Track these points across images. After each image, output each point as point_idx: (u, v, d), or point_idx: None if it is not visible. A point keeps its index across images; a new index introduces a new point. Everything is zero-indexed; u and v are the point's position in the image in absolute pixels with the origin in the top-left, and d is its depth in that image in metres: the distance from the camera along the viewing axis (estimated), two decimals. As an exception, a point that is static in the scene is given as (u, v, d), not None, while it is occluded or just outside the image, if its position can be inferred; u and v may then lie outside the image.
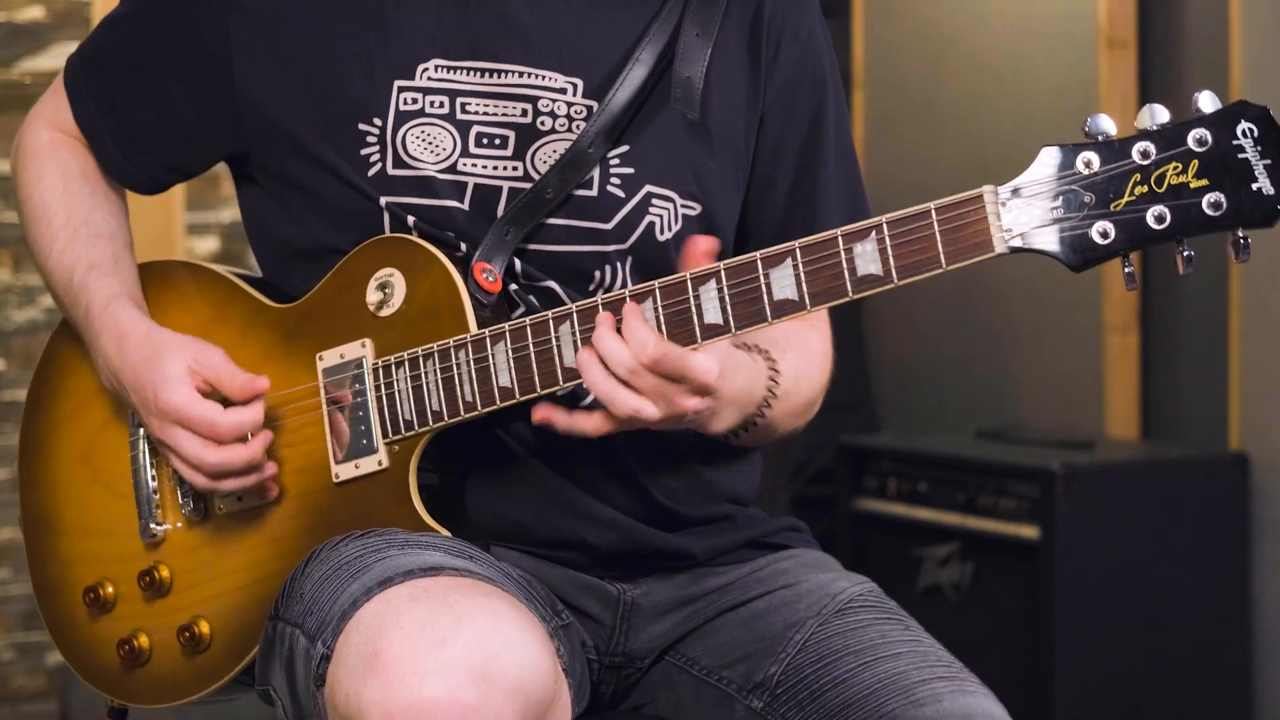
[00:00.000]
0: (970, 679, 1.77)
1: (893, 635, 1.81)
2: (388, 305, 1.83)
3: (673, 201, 1.87)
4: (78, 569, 1.98)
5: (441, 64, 1.85)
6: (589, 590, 1.88)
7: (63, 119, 2.00)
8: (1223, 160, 1.55)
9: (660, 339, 1.69)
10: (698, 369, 1.69)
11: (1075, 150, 1.59)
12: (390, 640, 1.55)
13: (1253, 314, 3.66)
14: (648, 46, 1.85)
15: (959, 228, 1.61)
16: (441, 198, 1.84)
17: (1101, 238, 1.59)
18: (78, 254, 1.95)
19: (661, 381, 1.69)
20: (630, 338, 1.69)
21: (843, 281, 1.65)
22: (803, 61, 1.93)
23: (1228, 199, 1.55)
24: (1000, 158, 4.24)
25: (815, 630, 1.82)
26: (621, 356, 1.68)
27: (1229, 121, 1.55)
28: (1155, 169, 1.57)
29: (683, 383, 1.69)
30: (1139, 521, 3.62)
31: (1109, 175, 1.58)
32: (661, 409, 1.70)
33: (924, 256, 1.62)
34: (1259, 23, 3.62)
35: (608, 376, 1.69)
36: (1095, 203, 1.59)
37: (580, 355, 1.71)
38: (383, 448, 1.81)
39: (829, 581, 1.88)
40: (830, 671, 1.78)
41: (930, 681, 1.74)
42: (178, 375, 1.83)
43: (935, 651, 1.80)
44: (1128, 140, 1.58)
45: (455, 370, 1.77)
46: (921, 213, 1.63)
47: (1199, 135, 1.56)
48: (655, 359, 1.68)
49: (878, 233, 1.64)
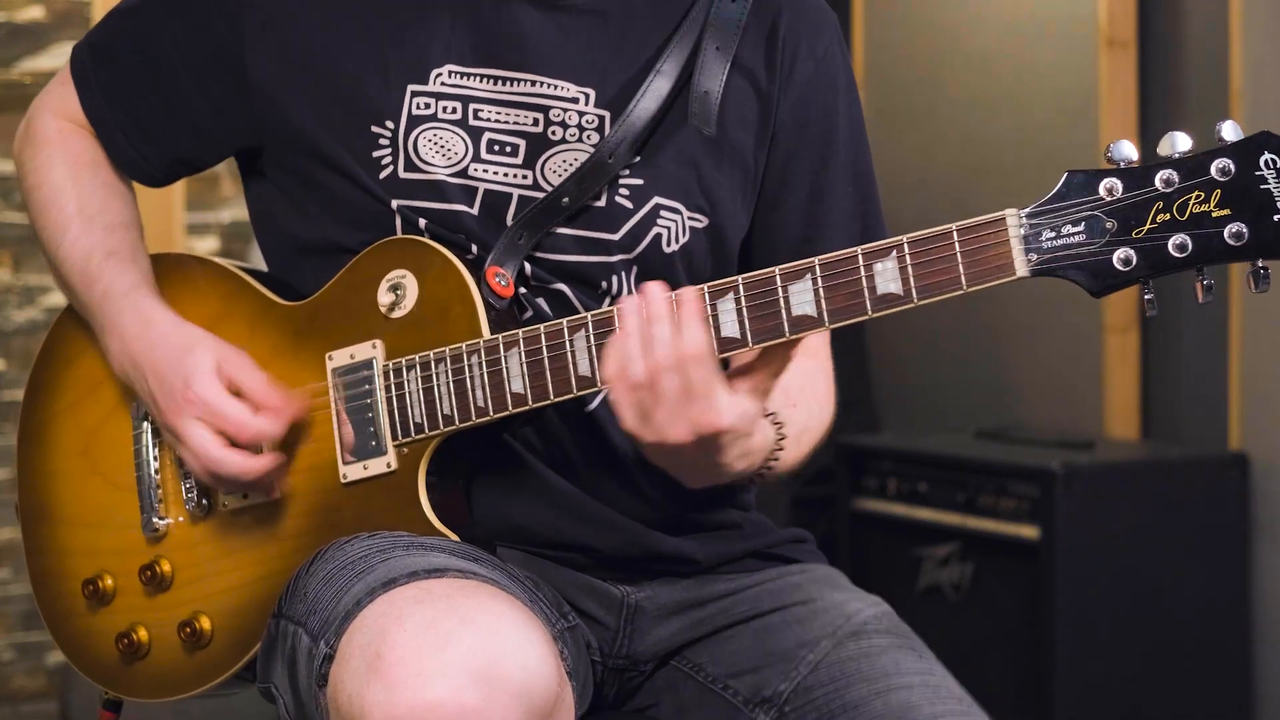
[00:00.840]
0: (981, 715, 1.78)
1: (905, 664, 1.80)
2: (399, 307, 1.82)
3: (680, 214, 1.86)
4: (76, 560, 1.97)
5: (455, 70, 1.85)
6: (593, 592, 1.88)
7: (71, 108, 2.00)
8: (1245, 191, 1.56)
9: (713, 346, 1.65)
10: (721, 403, 1.65)
11: (1098, 176, 1.59)
12: (394, 642, 1.54)
13: (1253, 314, 3.66)
14: (670, 59, 1.85)
15: (981, 250, 1.61)
16: (451, 202, 1.84)
17: (1123, 265, 1.59)
18: (94, 240, 1.94)
19: (683, 392, 1.65)
20: (684, 329, 1.65)
21: (862, 300, 1.64)
22: (817, 80, 1.92)
23: (1249, 229, 1.56)
24: (1000, 158, 4.25)
25: (829, 651, 1.82)
26: (666, 349, 1.65)
27: (1252, 152, 1.56)
28: (1178, 197, 1.57)
29: (703, 403, 1.65)
30: (1139, 521, 3.62)
31: (1132, 202, 1.58)
32: (662, 417, 1.66)
33: (945, 278, 1.62)
34: (1259, 23, 3.62)
35: (640, 359, 1.65)
36: (1117, 229, 1.59)
37: (624, 316, 1.66)
38: (392, 450, 1.81)
39: (844, 602, 1.88)
40: (841, 696, 1.78)
41: (942, 716, 1.74)
42: (209, 370, 1.83)
43: (947, 684, 1.80)
44: (1151, 168, 1.58)
45: (468, 374, 1.77)
46: (943, 233, 1.62)
47: (1222, 165, 1.56)
48: (698, 355, 1.64)
49: (898, 252, 1.63)
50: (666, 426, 1.66)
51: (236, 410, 1.82)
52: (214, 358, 1.83)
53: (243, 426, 1.81)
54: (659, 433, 1.66)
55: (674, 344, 1.65)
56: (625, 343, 1.66)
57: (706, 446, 1.68)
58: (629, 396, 1.66)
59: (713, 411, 1.65)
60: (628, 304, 1.67)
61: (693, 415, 1.65)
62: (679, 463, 1.71)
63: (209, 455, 1.82)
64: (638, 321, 1.66)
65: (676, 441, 1.66)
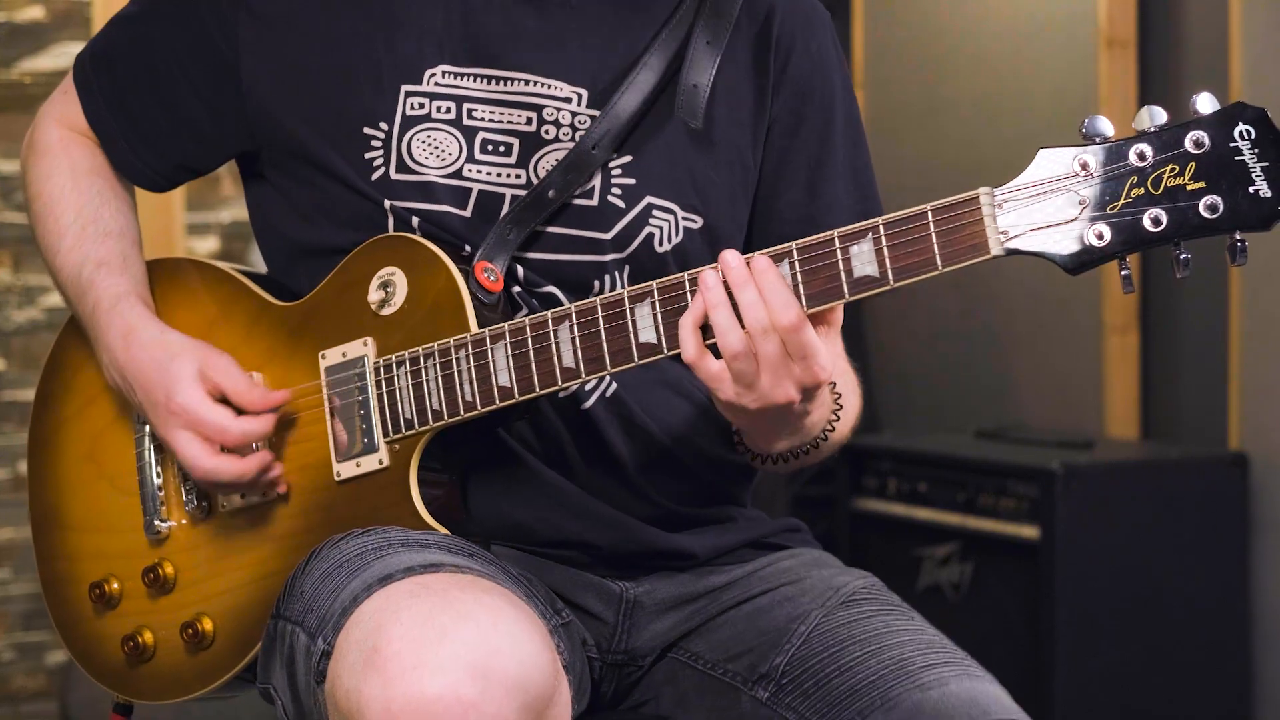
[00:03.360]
0: (975, 665, 1.78)
1: (897, 625, 1.81)
2: (389, 304, 1.83)
3: (673, 213, 1.86)
4: (84, 564, 1.98)
5: (449, 70, 1.85)
6: (591, 588, 1.88)
7: (73, 116, 2.01)
8: (1220, 163, 1.55)
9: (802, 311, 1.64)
10: (820, 358, 1.65)
11: (1072, 152, 1.59)
12: (390, 636, 1.54)
13: (1252, 314, 3.66)
14: (656, 53, 1.85)
15: (955, 229, 1.60)
16: (442, 203, 1.84)
17: (1098, 240, 1.58)
18: (86, 251, 1.95)
19: (783, 354, 1.64)
20: (770, 298, 1.64)
21: (839, 283, 1.64)
22: (811, 77, 1.92)
23: (1225, 202, 1.54)
24: (1000, 158, 4.24)
25: (820, 621, 1.82)
26: (759, 312, 1.64)
27: (1226, 123, 1.55)
28: (1152, 171, 1.56)
29: (802, 363, 1.65)
30: (1139, 521, 3.61)
31: (1106, 177, 1.58)
32: (767, 381, 1.65)
33: (920, 258, 1.61)
34: (1259, 23, 3.62)
35: (736, 328, 1.64)
36: (1092, 205, 1.58)
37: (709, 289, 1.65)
38: (384, 446, 1.81)
39: (831, 576, 1.89)
40: (836, 660, 1.78)
41: (936, 666, 1.75)
42: (190, 377, 1.83)
43: (939, 640, 1.80)
44: (1125, 142, 1.57)
45: (455, 369, 1.77)
46: (918, 214, 1.62)
47: (1196, 137, 1.55)
48: (795, 324, 1.63)
49: (874, 234, 1.63)
50: (773, 389, 1.66)
51: (219, 416, 1.82)
52: (195, 365, 1.84)
53: (225, 431, 1.82)
54: (765, 397, 1.66)
55: (764, 308, 1.64)
56: (716, 314, 1.65)
57: (808, 401, 1.69)
58: (725, 370, 1.66)
59: (816, 365, 1.65)
60: (709, 275, 1.66)
61: (798, 374, 1.66)
62: (775, 422, 1.71)
63: (200, 466, 1.83)
64: (722, 292, 1.65)
65: (785, 401, 1.66)
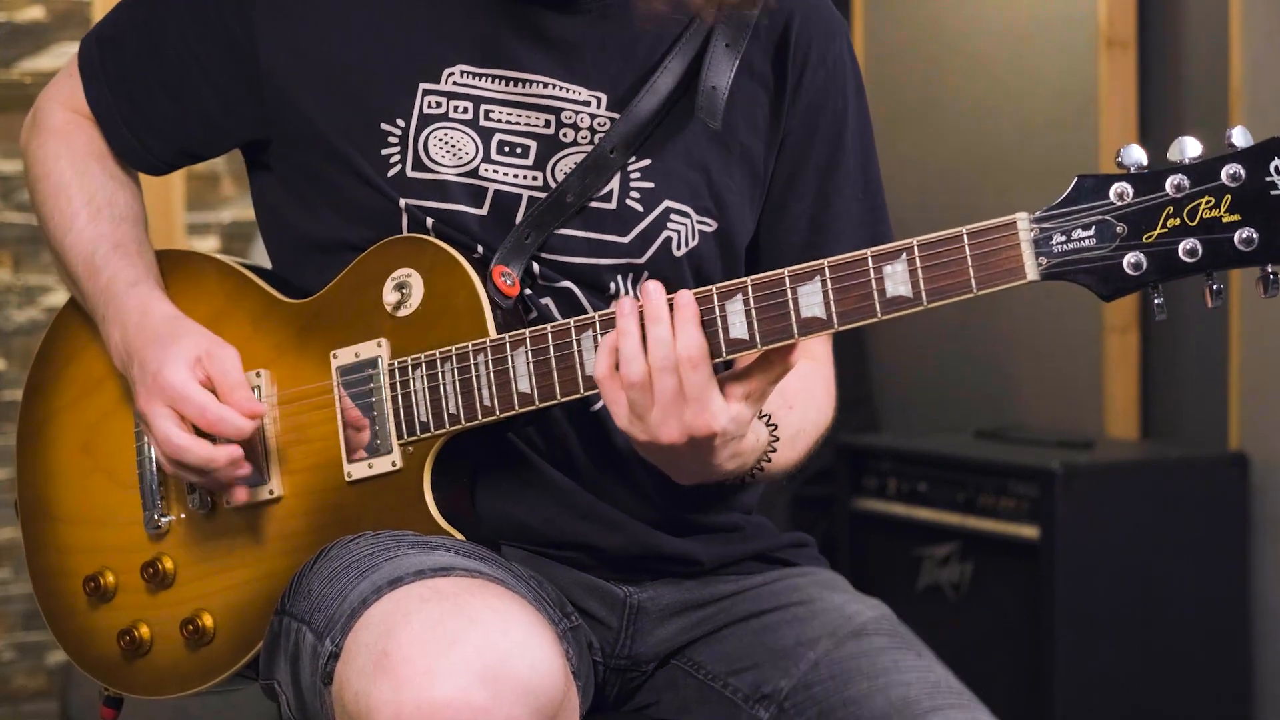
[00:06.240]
0: (981, 708, 1.78)
1: (905, 663, 1.80)
2: (405, 305, 1.82)
3: (690, 217, 1.86)
4: (77, 557, 1.97)
5: (467, 70, 1.85)
6: (595, 592, 1.88)
7: (77, 100, 2.00)
8: (1255, 196, 1.56)
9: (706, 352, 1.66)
10: (712, 406, 1.66)
11: (1109, 180, 1.60)
12: (400, 640, 1.54)
13: (1253, 314, 3.67)
14: (677, 56, 1.85)
15: (991, 253, 1.61)
16: (458, 202, 1.84)
17: (1133, 269, 1.59)
18: (101, 231, 1.94)
19: (678, 393, 1.66)
20: (680, 337, 1.65)
21: (872, 302, 1.64)
22: (827, 87, 1.92)
23: (1260, 235, 1.56)
24: (1000, 158, 4.25)
25: (829, 650, 1.82)
26: (665, 350, 1.65)
27: (1262, 158, 1.56)
28: (1188, 202, 1.57)
29: (695, 405, 1.66)
30: (1139, 521, 3.62)
31: (1142, 207, 1.59)
32: (656, 417, 1.66)
33: (955, 280, 1.62)
34: (1259, 23, 3.62)
35: (641, 358, 1.66)
36: (1128, 234, 1.59)
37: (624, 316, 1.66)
38: (397, 448, 1.81)
39: (844, 603, 1.88)
40: (841, 692, 1.78)
41: (943, 709, 1.75)
42: (186, 359, 1.82)
43: (947, 680, 1.80)
44: (1161, 172, 1.58)
45: (474, 374, 1.77)
46: (953, 236, 1.62)
47: (1232, 171, 1.56)
48: (695, 362, 1.65)
49: (908, 254, 1.63)
50: (659, 427, 1.67)
51: (199, 395, 1.81)
52: (197, 351, 1.83)
53: (204, 410, 1.80)
54: (651, 432, 1.67)
55: (672, 346, 1.65)
56: (623, 342, 1.67)
57: (698, 447, 1.68)
58: (624, 395, 1.67)
59: (706, 414, 1.66)
60: (626, 303, 1.68)
61: (686, 418, 1.66)
62: (668, 460, 1.72)
63: (171, 441, 1.81)
64: (635, 322, 1.67)
65: (668, 442, 1.67)
